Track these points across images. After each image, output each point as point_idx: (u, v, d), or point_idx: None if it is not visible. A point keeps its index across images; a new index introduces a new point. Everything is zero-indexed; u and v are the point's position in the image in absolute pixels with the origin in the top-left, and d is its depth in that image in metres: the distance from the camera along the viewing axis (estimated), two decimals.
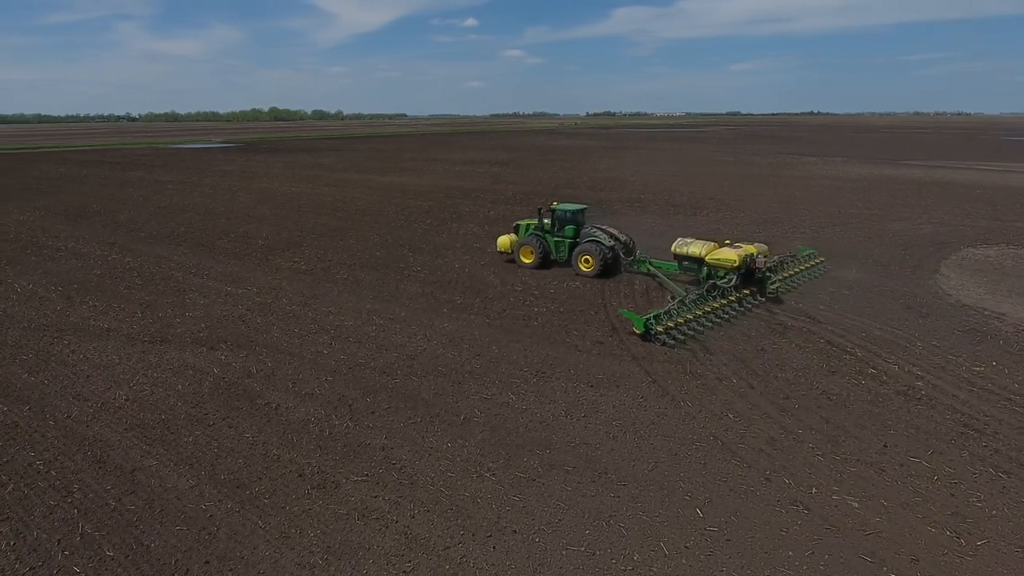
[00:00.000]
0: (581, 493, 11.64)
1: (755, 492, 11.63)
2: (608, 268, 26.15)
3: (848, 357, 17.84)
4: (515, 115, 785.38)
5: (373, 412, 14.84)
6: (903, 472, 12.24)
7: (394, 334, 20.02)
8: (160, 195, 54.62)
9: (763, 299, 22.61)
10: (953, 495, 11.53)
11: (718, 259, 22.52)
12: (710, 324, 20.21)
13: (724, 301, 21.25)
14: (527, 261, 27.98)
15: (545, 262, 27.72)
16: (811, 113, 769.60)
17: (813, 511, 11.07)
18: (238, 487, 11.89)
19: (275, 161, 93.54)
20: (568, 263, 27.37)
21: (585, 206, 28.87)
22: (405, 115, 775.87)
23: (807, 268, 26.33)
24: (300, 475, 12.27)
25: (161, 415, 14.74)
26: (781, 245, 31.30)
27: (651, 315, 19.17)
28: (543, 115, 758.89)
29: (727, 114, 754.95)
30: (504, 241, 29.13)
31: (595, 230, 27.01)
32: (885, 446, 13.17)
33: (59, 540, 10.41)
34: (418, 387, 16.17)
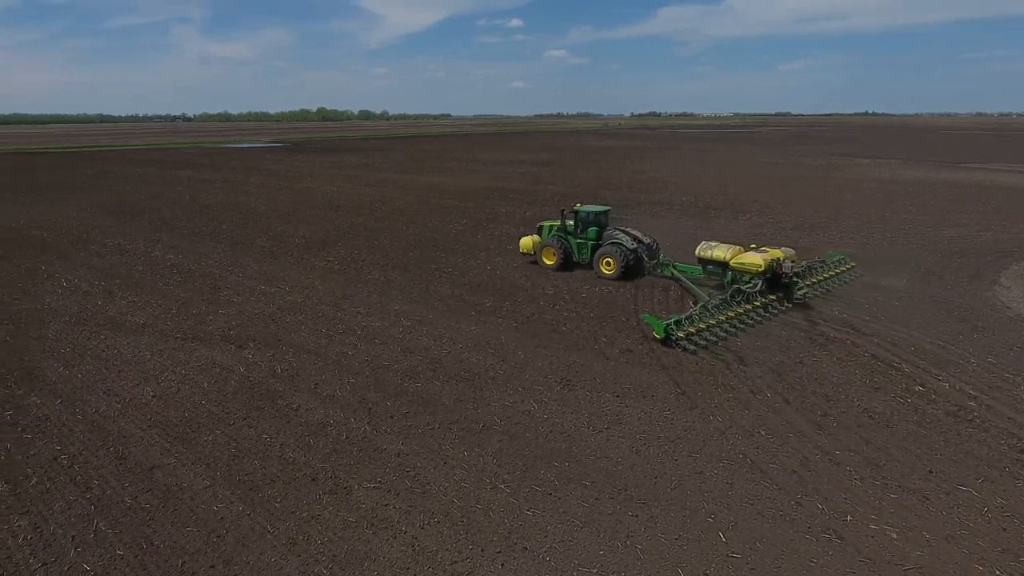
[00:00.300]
0: (598, 510, 11.15)
1: (784, 517, 10.94)
2: (629, 271, 25.74)
3: (894, 373, 16.82)
4: (558, 115, 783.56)
5: (392, 416, 14.63)
6: (949, 502, 11.35)
7: (420, 336, 19.83)
8: (206, 193, 56.05)
9: (790, 305, 21.86)
10: (1005, 529, 10.62)
11: (743, 263, 21.98)
12: (733, 330, 19.64)
13: (749, 306, 20.67)
14: (549, 262, 27.78)
15: (567, 264, 27.48)
16: (865, 113, 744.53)
17: (847, 540, 10.32)
18: (251, 489, 11.81)
19: (319, 161, 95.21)
20: (590, 265, 26.95)
21: (608, 208, 28.40)
22: (449, 115, 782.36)
23: (836, 274, 25.29)
24: (313, 479, 12.12)
25: (184, 413, 14.85)
26: (826, 250, 30.00)
27: (671, 320, 18.67)
28: (587, 115, 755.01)
29: (776, 114, 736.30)
30: (527, 242, 29.01)
31: (618, 232, 26.55)
32: (930, 472, 12.27)
33: (73, 536, 10.49)
34: (439, 392, 15.90)
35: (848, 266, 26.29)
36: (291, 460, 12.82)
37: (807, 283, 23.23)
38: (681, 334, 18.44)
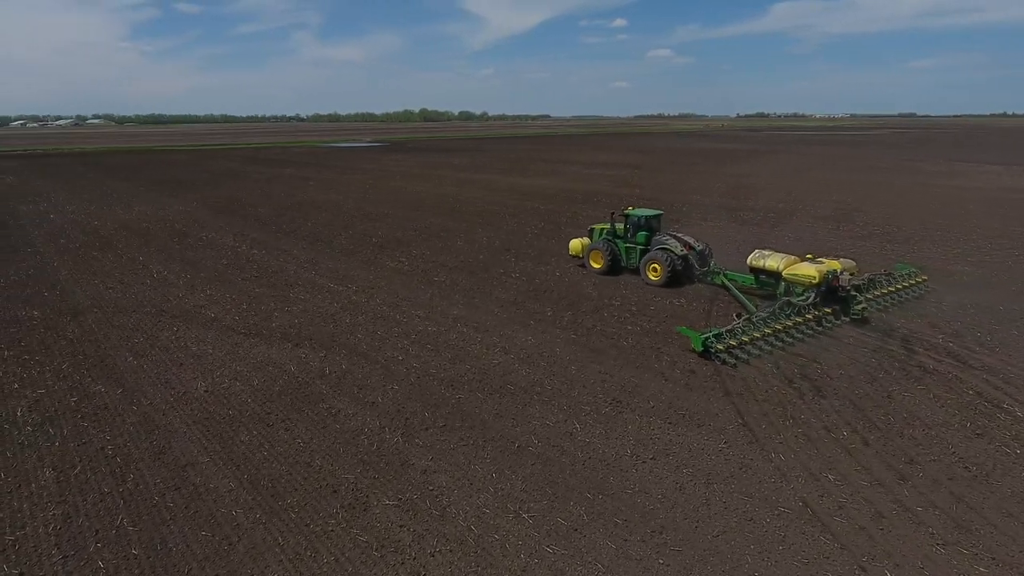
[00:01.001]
0: (625, 554, 10.07)
1: None
2: (677, 278, 24.92)
3: (1002, 416, 14.45)
4: (659, 116, 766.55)
5: (427, 429, 14.13)
6: None
7: (473, 344, 19.29)
8: (301, 191, 58.59)
9: (846, 319, 20.53)
10: None
11: (796, 274, 20.90)
12: (780, 344, 18.45)
13: (799, 319, 19.52)
14: (596, 266, 27.28)
15: (614, 268, 26.92)
16: (1003, 115, 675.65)
17: None
18: (272, 496, 11.64)
19: (412, 160, 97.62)
20: (638, 271, 26.24)
21: (660, 212, 27.47)
22: (548, 116, 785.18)
23: (903, 288, 23.29)
24: (334, 491, 11.79)
25: (229, 410, 15.05)
26: (935, 269, 26.84)
27: (711, 332, 17.74)
28: (689, 116, 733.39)
29: (899, 116, 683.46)
30: (576, 245, 28.63)
31: (668, 238, 25.64)
32: None
33: (97, 531, 10.67)
34: (481, 405, 15.25)
35: (918, 279, 24.08)
36: (318, 468, 12.58)
37: (867, 297, 21.63)
38: (721, 347, 17.43)
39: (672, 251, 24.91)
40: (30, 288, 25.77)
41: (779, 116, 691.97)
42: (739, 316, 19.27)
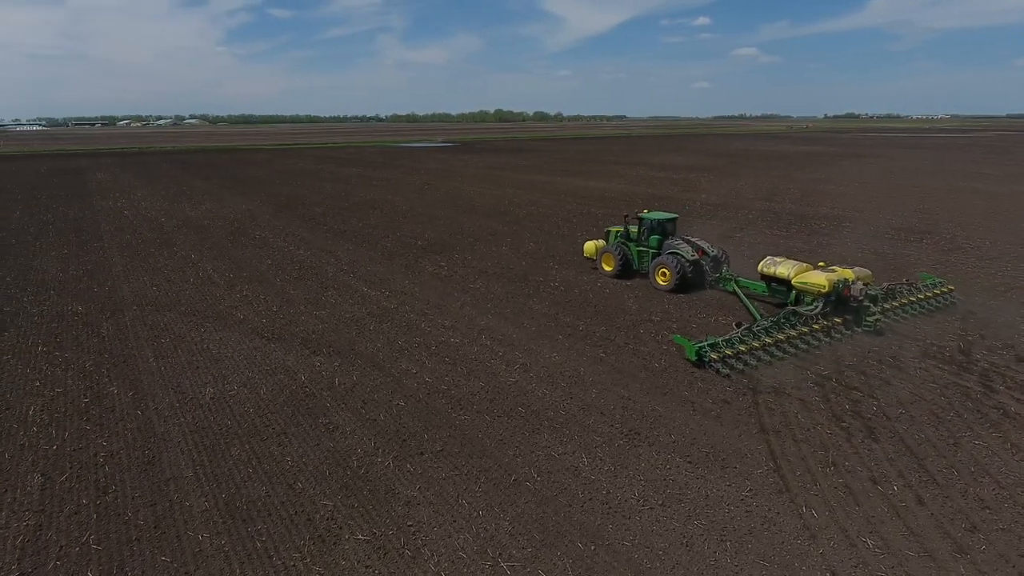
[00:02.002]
0: None
1: None
2: (686, 283, 24.38)
3: None
4: (741, 117, 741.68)
5: (422, 453, 13.20)
6: None
7: (494, 359, 18.25)
8: (362, 190, 59.30)
9: (859, 330, 19.73)
10: None
11: (805, 283, 20.34)
12: (781, 355, 17.79)
13: (805, 330, 18.91)
14: (607, 268, 27.24)
15: (625, 271, 26.75)
16: None
17: None
18: (244, 520, 10.99)
19: (478, 160, 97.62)
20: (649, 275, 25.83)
21: (675, 216, 26.97)
22: (624, 117, 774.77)
23: (925, 298, 22.24)
24: (309, 519, 11.01)
25: (228, 420, 14.64)
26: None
27: (706, 342, 17.30)
28: (773, 117, 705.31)
29: (1007, 116, 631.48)
30: (590, 247, 28.68)
31: (679, 242, 25.11)
32: None
33: (62, 547, 10.33)
34: (486, 430, 14.19)
35: (942, 290, 22.94)
36: (299, 491, 11.87)
37: (884, 307, 20.96)
38: (715, 355, 16.97)
39: (682, 256, 24.27)
40: (84, 283, 26.72)
41: (871, 117, 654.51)
42: (739, 325, 18.48)
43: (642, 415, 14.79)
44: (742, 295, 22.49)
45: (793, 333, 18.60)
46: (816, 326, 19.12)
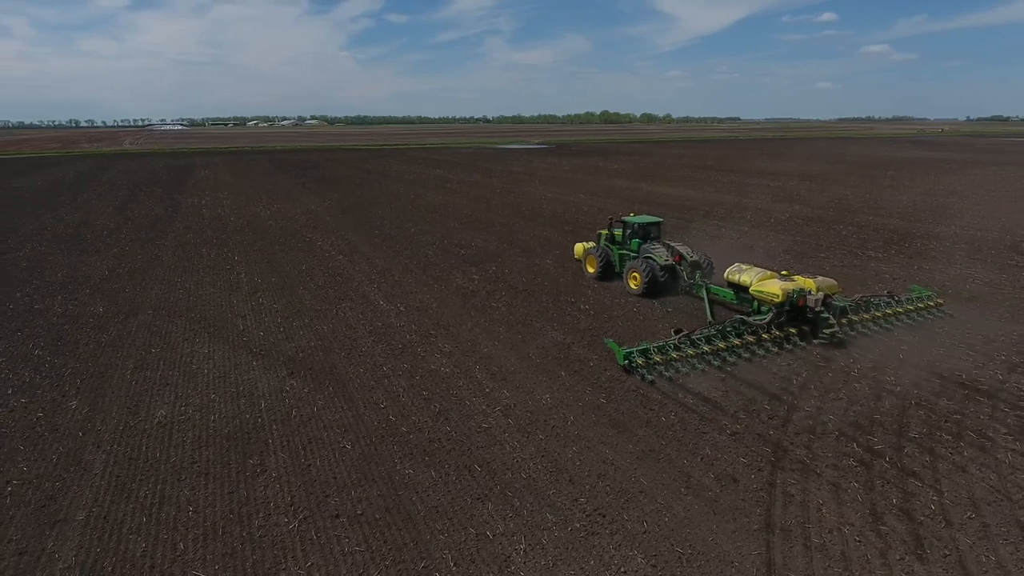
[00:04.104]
0: None
1: None
2: (656, 288, 24.07)
3: None
4: (868, 120, 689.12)
5: (336, 516, 11.25)
6: None
7: (476, 397, 16.04)
8: (431, 193, 58.62)
9: (815, 341, 19.29)
10: None
11: (761, 291, 19.95)
12: (717, 363, 17.45)
13: (750, 339, 18.55)
14: (590, 270, 27.69)
15: (606, 274, 26.97)
16: None
17: None
18: None
19: (565, 164, 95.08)
20: None
21: (659, 220, 26.96)
22: (738, 119, 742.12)
23: (906, 311, 21.39)
24: None
25: (159, 453, 13.40)
26: None
27: (638, 347, 17.23)
28: (905, 120, 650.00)
29: None
30: (579, 249, 29.15)
31: (657, 247, 24.86)
32: None
33: None
34: (425, 491, 12.02)
35: (928, 304, 22.13)
36: (177, 555, 10.27)
37: (856, 319, 20.45)
38: (641, 361, 16.89)
39: (654, 261, 24.15)
40: (121, 282, 27.13)
41: (1022, 120, 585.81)
42: (677, 332, 18.12)
43: (618, 489, 12.06)
44: (707, 300, 22.18)
45: (737, 342, 18.23)
46: (765, 336, 18.73)
